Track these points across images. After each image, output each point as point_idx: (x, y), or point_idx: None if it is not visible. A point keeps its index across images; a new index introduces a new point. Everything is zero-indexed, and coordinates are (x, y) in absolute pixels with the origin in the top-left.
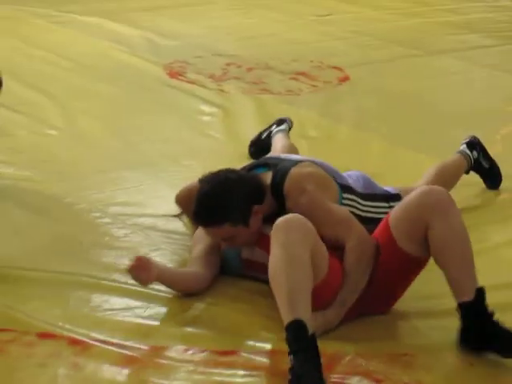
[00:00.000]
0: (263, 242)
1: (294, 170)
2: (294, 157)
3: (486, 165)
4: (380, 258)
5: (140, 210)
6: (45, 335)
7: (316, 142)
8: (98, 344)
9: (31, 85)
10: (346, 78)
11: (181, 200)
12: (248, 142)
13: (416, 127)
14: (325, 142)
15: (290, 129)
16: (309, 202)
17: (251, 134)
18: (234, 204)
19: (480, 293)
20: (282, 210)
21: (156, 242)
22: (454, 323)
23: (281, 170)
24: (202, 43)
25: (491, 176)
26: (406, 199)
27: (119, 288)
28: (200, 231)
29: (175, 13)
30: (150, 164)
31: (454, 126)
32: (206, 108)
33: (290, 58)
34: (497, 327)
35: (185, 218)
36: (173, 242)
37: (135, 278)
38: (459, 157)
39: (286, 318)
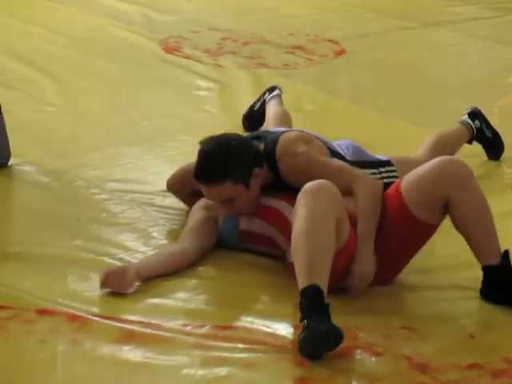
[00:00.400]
0: (261, 212)
1: (282, 136)
2: (282, 129)
3: (488, 134)
4: (390, 224)
5: (137, 186)
6: (44, 311)
7: (312, 116)
8: (97, 319)
9: (28, 62)
10: (341, 52)
11: (174, 182)
12: None
13: (412, 99)
14: (320, 115)
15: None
16: (305, 161)
17: (248, 108)
18: (236, 162)
19: (506, 255)
20: (276, 179)
21: (153, 217)
22: (452, 295)
23: (271, 139)
24: (198, 18)
25: (493, 146)
26: (423, 168)
27: (118, 265)
28: (195, 208)
29: None
30: (148, 140)
31: (451, 97)
32: (202, 83)
33: (285, 31)
34: None
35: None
36: (170, 217)
37: (110, 288)
38: (460, 127)
39: (303, 283)
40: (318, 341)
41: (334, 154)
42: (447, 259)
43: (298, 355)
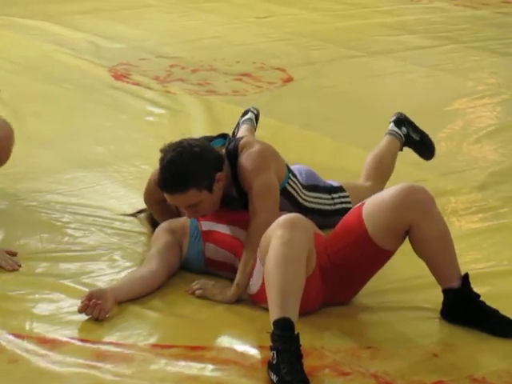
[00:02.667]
0: (226, 242)
1: (246, 138)
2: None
3: (416, 137)
4: (350, 249)
5: (97, 210)
6: (14, 335)
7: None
8: (68, 340)
9: None
10: (289, 79)
11: (146, 194)
12: None
13: (360, 125)
14: (271, 140)
15: (256, 116)
16: (255, 163)
17: (200, 134)
18: (199, 169)
19: (466, 278)
20: (235, 180)
21: (114, 241)
22: (412, 315)
23: (234, 139)
24: (145, 46)
25: (424, 147)
26: (385, 195)
27: (80, 289)
28: (159, 230)
29: (115, 15)
30: (103, 165)
31: None
32: (153, 109)
33: (233, 59)
34: (485, 308)
35: (141, 217)
36: (131, 241)
37: (89, 314)
38: (390, 138)
39: (276, 314)
40: None
41: (291, 172)
42: (404, 281)
43: (267, 374)
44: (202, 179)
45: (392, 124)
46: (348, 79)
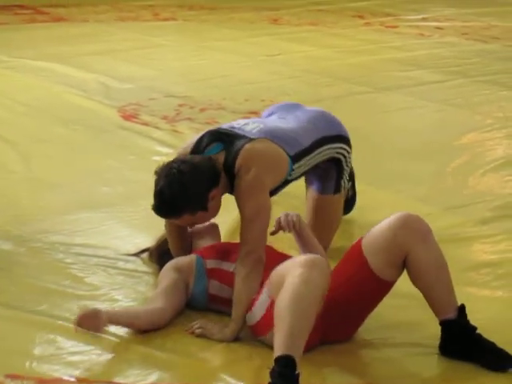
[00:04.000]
0: (231, 280)
1: (246, 147)
2: (248, 130)
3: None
4: (351, 282)
5: (100, 250)
6: (13, 376)
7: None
8: (68, 379)
9: None
10: None
11: None
12: None
13: (368, 161)
14: None
15: None
16: (249, 184)
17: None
18: (189, 196)
19: (462, 310)
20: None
21: (117, 281)
22: (411, 351)
23: (234, 149)
24: (155, 85)
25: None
26: (382, 224)
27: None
28: (166, 268)
29: (127, 56)
30: (109, 205)
31: (405, 159)
32: (160, 148)
33: (242, 97)
34: (482, 342)
35: (144, 256)
36: (134, 280)
37: (85, 328)
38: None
39: (279, 351)
40: None
41: (295, 158)
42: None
43: None
44: (193, 204)
45: None
46: (356, 115)
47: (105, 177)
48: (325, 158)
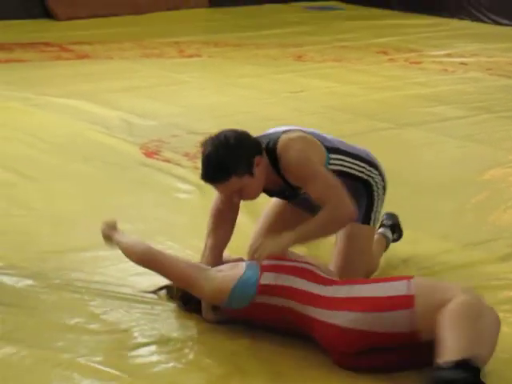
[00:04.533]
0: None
1: (283, 135)
2: (282, 128)
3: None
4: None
5: (118, 287)
6: None
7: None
8: None
9: (8, 167)
10: None
11: None
12: None
13: (388, 197)
14: None
15: None
16: (300, 160)
17: None
18: (235, 158)
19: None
20: (279, 178)
21: (135, 318)
22: None
23: (272, 138)
24: (178, 122)
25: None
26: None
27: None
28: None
29: (150, 92)
30: None
31: (426, 196)
32: (182, 186)
33: None
34: None
35: (162, 293)
36: (152, 318)
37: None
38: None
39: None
40: None
41: (331, 150)
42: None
43: None
44: (240, 166)
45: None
46: (378, 151)
47: (125, 213)
48: (357, 174)
